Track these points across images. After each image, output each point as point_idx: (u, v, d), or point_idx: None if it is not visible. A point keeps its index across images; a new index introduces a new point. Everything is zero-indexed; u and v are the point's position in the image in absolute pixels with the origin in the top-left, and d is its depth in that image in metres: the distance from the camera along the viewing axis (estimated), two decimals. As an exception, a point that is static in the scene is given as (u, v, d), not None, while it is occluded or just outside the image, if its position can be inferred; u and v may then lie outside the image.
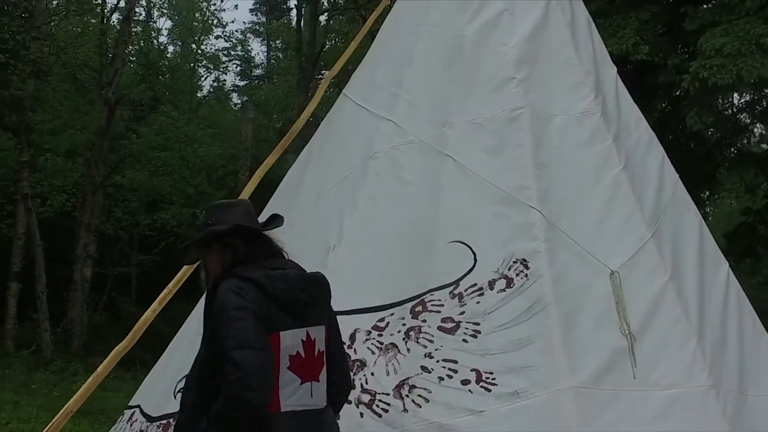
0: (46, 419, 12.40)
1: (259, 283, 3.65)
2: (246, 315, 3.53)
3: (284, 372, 3.65)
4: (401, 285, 5.17)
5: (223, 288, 3.64)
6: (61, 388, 16.92)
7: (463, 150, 5.61)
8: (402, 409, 4.68)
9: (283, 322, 3.67)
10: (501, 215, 5.30)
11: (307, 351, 3.75)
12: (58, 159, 24.05)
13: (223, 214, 3.97)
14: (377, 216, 5.60)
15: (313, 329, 3.82)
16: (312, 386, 3.76)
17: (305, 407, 3.71)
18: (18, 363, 19.55)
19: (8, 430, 12.29)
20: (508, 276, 5.03)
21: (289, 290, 3.73)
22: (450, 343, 4.85)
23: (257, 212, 6.14)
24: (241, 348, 3.44)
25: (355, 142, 6.21)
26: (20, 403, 14.62)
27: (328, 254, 5.51)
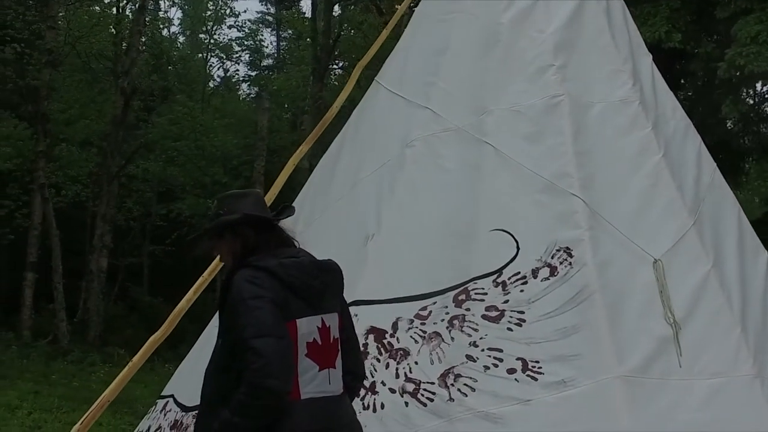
0: (67, 409, 12.49)
1: (273, 271, 3.65)
2: (263, 303, 3.54)
3: (302, 359, 3.65)
4: (443, 273, 5.14)
5: (238, 278, 3.64)
6: (80, 378, 16.97)
7: (503, 137, 5.57)
8: (448, 398, 4.65)
9: (299, 309, 3.68)
10: (543, 203, 5.26)
11: (323, 338, 3.75)
12: (73, 149, 23.98)
13: (234, 204, 3.97)
14: (416, 204, 5.57)
15: (328, 316, 3.82)
16: (330, 373, 3.76)
17: (324, 394, 3.71)
18: (36, 353, 19.59)
19: (31, 420, 12.31)
20: (552, 264, 4.99)
21: (303, 277, 3.73)
22: (494, 332, 4.81)
23: (287, 200, 6.14)
24: (261, 336, 3.45)
25: (390, 129, 6.18)
26: (41, 393, 14.65)
27: (367, 242, 5.48)
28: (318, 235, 6.06)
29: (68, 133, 24.18)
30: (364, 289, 5.25)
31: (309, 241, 6.07)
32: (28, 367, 17.82)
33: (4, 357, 18.49)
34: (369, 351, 4.99)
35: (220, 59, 37.89)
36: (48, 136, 22.72)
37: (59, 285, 21.94)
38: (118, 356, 19.97)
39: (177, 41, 37.57)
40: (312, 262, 3.89)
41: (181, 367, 6.76)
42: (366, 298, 5.21)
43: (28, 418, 12.45)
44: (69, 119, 24.18)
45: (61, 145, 23.87)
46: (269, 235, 3.93)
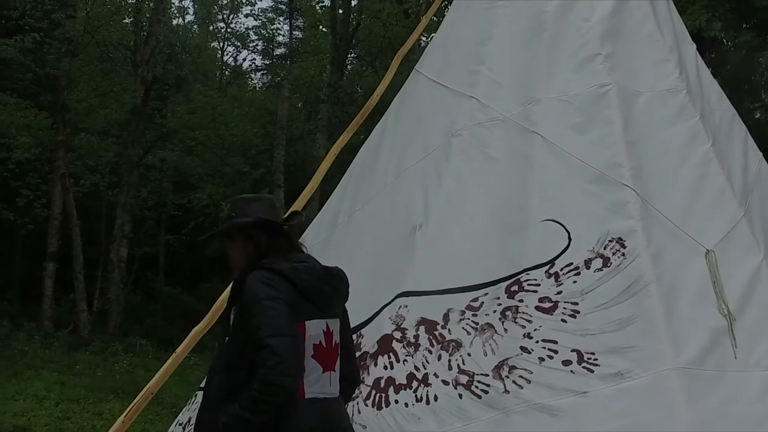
0: (94, 399, 12.54)
1: (286, 274, 3.78)
2: (278, 304, 3.67)
3: (309, 360, 3.79)
4: (493, 264, 5.10)
5: (252, 279, 3.75)
6: (104, 368, 17.03)
7: (551, 127, 5.52)
8: (503, 390, 4.61)
9: (309, 312, 3.83)
10: (594, 193, 5.20)
11: (327, 341, 3.92)
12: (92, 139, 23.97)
13: (246, 207, 4.10)
14: (464, 194, 5.53)
15: (331, 321, 4.00)
16: (330, 375, 3.93)
17: (325, 395, 3.87)
18: (58, 343, 19.64)
19: (59, 410, 12.35)
20: (605, 255, 4.94)
21: (315, 282, 3.89)
22: (549, 323, 4.77)
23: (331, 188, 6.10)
24: (276, 335, 3.57)
25: (433, 119, 6.14)
26: (67, 383, 14.72)
27: (415, 233, 5.45)
28: (360, 225, 6.05)
29: (87, 122, 24.13)
30: (413, 280, 5.24)
31: (351, 232, 6.09)
32: (52, 358, 17.88)
33: (27, 347, 18.55)
34: (420, 342, 4.96)
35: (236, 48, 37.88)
36: (68, 125, 22.71)
37: (80, 275, 22.00)
38: (140, 346, 20.02)
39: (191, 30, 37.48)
40: (323, 268, 4.05)
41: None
42: (415, 289, 5.19)
43: (56, 408, 12.50)
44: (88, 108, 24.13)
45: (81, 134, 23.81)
46: (281, 239, 4.06)
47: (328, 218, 6.60)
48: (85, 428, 10.96)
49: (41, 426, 11.04)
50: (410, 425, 4.67)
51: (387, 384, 4.87)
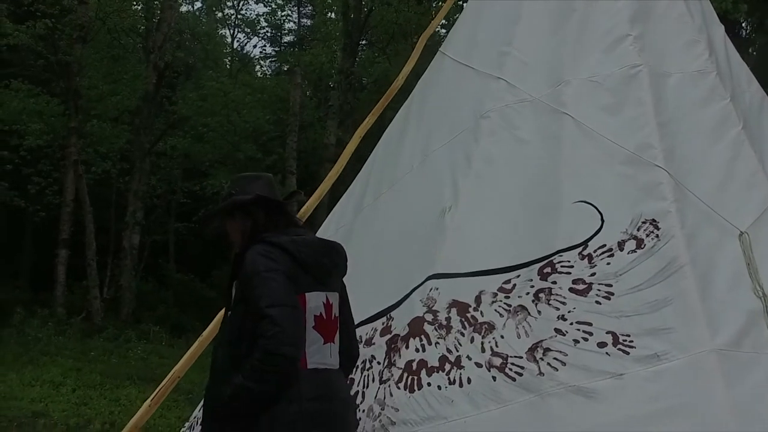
0: (110, 385, 12.54)
1: (285, 247, 3.84)
2: (277, 275, 3.73)
3: (310, 331, 3.86)
4: (525, 246, 5.05)
5: (252, 253, 3.81)
6: (118, 355, 17.06)
7: (582, 108, 5.48)
8: (537, 373, 4.56)
9: (308, 284, 3.89)
10: (626, 175, 5.15)
11: (327, 313, 3.98)
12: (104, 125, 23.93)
13: (246, 185, 4.16)
14: (494, 176, 5.49)
15: (331, 294, 4.06)
16: (331, 347, 3.98)
17: (326, 366, 3.91)
18: (71, 330, 19.66)
19: (76, 397, 12.36)
20: (638, 237, 4.89)
21: (313, 254, 3.94)
22: (583, 305, 4.71)
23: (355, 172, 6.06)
24: (276, 305, 3.63)
25: (460, 101, 6.10)
26: (83, 370, 14.77)
27: (445, 215, 5.40)
28: (387, 207, 6.02)
29: (100, 109, 24.09)
30: (443, 262, 5.20)
31: (377, 214, 6.06)
32: (66, 344, 17.93)
33: (41, 334, 18.56)
34: (452, 325, 4.92)
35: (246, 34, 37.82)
36: (80, 112, 22.68)
37: (93, 262, 22.02)
38: (153, 333, 20.03)
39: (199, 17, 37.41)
40: (321, 241, 4.14)
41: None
42: (446, 272, 5.15)
43: (73, 394, 12.52)
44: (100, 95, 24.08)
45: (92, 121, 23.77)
46: (279, 216, 4.11)
47: (354, 202, 6.57)
48: (103, 414, 10.95)
49: (59, 412, 11.04)
50: (444, 408, 4.63)
51: (419, 367, 4.83)
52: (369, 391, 4.99)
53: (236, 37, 38.06)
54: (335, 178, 6.72)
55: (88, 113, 23.80)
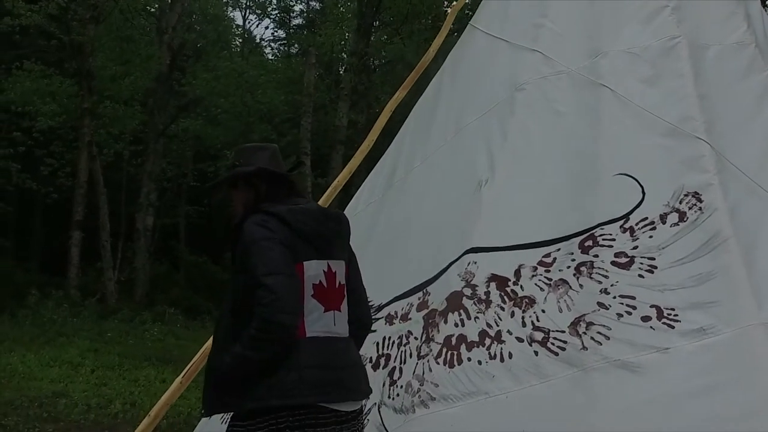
0: (129, 366, 12.54)
1: (282, 216, 3.85)
2: (274, 244, 3.74)
3: (308, 300, 3.85)
4: (565, 219, 4.97)
5: (249, 222, 3.84)
6: (134, 336, 17.06)
7: (620, 80, 5.38)
8: (581, 347, 4.48)
9: (306, 252, 3.87)
10: (667, 147, 5.05)
11: (329, 282, 3.95)
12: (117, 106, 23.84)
13: (250, 156, 4.16)
14: (531, 148, 5.41)
15: (334, 262, 4.03)
16: (335, 315, 3.95)
17: (328, 334, 3.89)
18: (87, 312, 19.66)
19: (95, 377, 12.37)
20: (680, 210, 4.80)
21: (311, 223, 3.94)
22: (626, 279, 4.63)
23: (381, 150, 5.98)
24: (272, 274, 3.64)
25: (493, 74, 6.02)
26: (100, 351, 14.79)
27: (481, 188, 5.33)
28: (420, 182, 5.96)
29: (113, 90, 23.98)
30: (481, 236, 5.14)
31: (410, 188, 5.99)
32: (82, 326, 17.94)
33: (56, 316, 18.57)
34: (492, 299, 4.85)
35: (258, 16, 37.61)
36: (93, 92, 22.60)
37: (107, 243, 22.01)
38: (168, 315, 20.01)
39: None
40: (320, 210, 4.12)
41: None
42: (484, 245, 5.08)
43: (92, 375, 12.52)
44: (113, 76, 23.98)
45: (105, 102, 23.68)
46: (280, 186, 4.12)
47: (384, 176, 6.50)
48: (123, 394, 10.92)
49: (79, 392, 11.02)
50: (485, 383, 4.57)
51: (458, 341, 4.77)
52: (406, 366, 4.94)
53: (248, 18, 37.92)
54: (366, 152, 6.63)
55: (102, 94, 23.68)
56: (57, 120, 22.83)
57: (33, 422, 9.19)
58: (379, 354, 5.25)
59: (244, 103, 24.40)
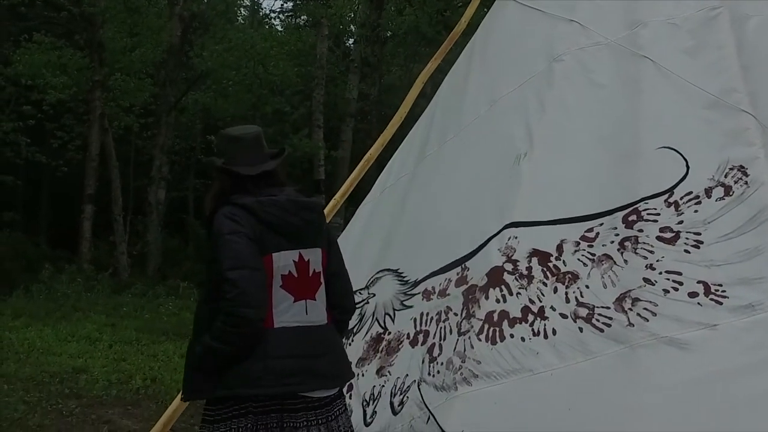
0: (146, 341, 12.50)
1: (250, 208, 3.90)
2: (240, 238, 3.80)
3: (277, 291, 3.92)
4: (608, 193, 4.88)
5: (219, 214, 3.91)
6: (150, 311, 17.01)
7: (661, 51, 5.27)
8: (627, 323, 4.39)
9: (275, 244, 3.93)
10: (710, 120, 4.95)
11: (300, 271, 4.01)
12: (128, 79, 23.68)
13: (224, 146, 4.21)
14: (571, 121, 5.31)
15: (307, 251, 4.06)
16: (307, 304, 4.01)
17: (299, 323, 3.96)
18: (100, 286, 19.63)
19: (113, 352, 12.33)
20: (726, 183, 4.70)
21: (280, 214, 3.97)
22: (671, 254, 4.54)
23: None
24: (236, 268, 3.72)
25: (529, 45, 5.92)
26: (117, 325, 14.74)
27: (520, 162, 5.23)
28: (454, 155, 5.87)
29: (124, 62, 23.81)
30: (521, 211, 5.05)
31: (443, 162, 5.91)
32: (97, 300, 17.90)
33: (70, 290, 18.54)
34: (534, 275, 4.76)
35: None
36: (104, 65, 22.46)
37: (119, 217, 21.95)
38: (182, 289, 19.95)
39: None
40: (290, 200, 4.07)
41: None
42: (524, 220, 4.99)
43: (110, 350, 12.49)
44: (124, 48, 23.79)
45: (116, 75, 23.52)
46: (248, 182, 4.09)
47: (415, 149, 6.41)
48: (143, 369, 10.88)
49: (99, 368, 10.97)
50: (528, 360, 4.49)
51: (500, 318, 4.68)
52: (446, 343, 4.87)
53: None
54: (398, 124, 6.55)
55: (113, 67, 23.52)
56: (67, 93, 22.67)
57: (56, 398, 9.16)
58: (417, 330, 5.19)
59: (257, 76, 24.17)
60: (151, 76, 25.21)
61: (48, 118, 23.44)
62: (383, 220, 6.23)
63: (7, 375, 10.13)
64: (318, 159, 23.78)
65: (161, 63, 23.78)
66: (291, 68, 24.94)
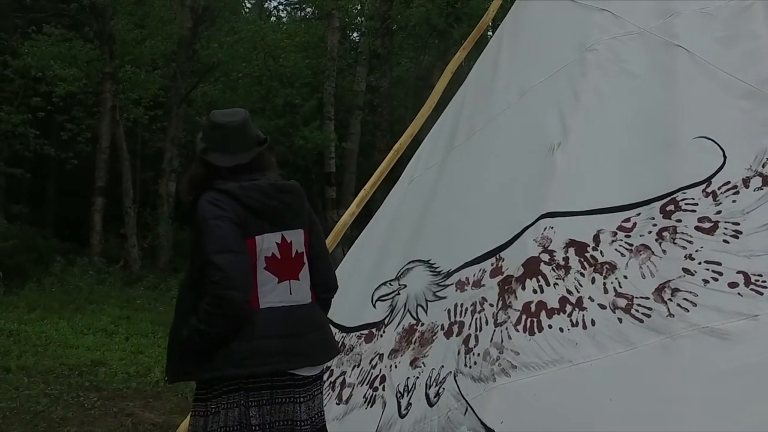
0: (162, 334, 12.45)
1: (233, 193, 4.01)
2: (222, 222, 3.91)
3: (261, 272, 4.03)
4: (644, 183, 4.85)
5: (202, 200, 4.00)
6: (163, 303, 16.97)
7: (695, 41, 5.26)
8: (667, 314, 4.36)
9: (258, 227, 4.04)
10: (747, 109, 4.92)
11: (283, 252, 4.13)
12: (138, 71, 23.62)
13: (209, 131, 4.25)
14: (605, 110, 5.29)
15: (289, 233, 4.18)
16: (291, 284, 4.14)
17: (284, 303, 4.08)
18: (111, 279, 19.61)
19: (130, 345, 12.33)
20: (763, 173, 4.67)
21: (262, 198, 4.07)
22: (710, 244, 4.51)
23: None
24: (221, 252, 3.84)
25: (559, 34, 5.91)
26: (132, 318, 14.71)
27: (554, 152, 5.20)
28: (483, 146, 5.85)
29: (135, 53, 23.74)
30: (556, 201, 5.02)
31: (472, 152, 5.88)
32: (110, 293, 17.87)
33: (82, 283, 18.53)
34: (571, 265, 4.74)
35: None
36: (114, 57, 22.41)
37: (130, 210, 21.91)
38: (194, 282, 19.88)
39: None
40: (270, 184, 4.17)
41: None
42: (560, 210, 4.97)
43: (127, 342, 12.49)
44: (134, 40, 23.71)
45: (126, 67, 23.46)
46: (225, 169, 4.17)
47: (443, 140, 6.38)
48: (161, 362, 10.81)
49: (117, 360, 10.97)
50: (567, 351, 4.46)
51: (538, 308, 4.66)
52: (483, 334, 4.84)
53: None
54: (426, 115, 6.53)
55: (122, 58, 23.46)
56: (77, 85, 22.61)
57: (76, 391, 9.14)
58: (451, 321, 5.15)
59: (267, 68, 24.09)
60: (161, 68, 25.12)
61: (57, 110, 23.38)
62: (412, 211, 6.20)
63: (26, 367, 10.12)
64: (329, 151, 23.73)
65: (172, 55, 23.71)
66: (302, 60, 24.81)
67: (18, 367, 10.09)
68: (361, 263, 6.32)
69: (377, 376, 5.38)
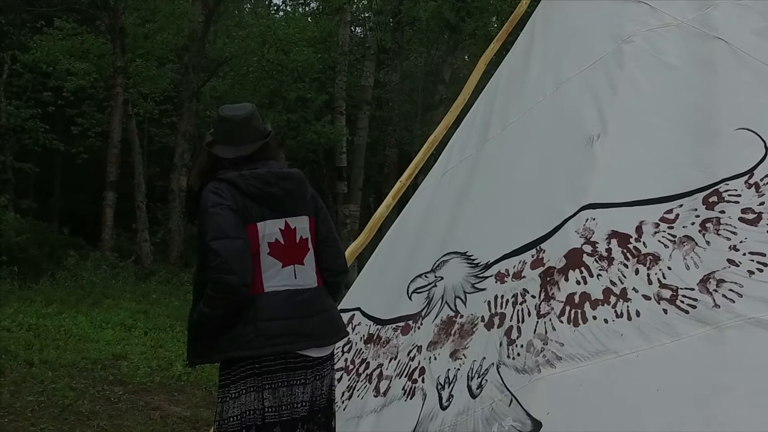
0: (180, 328, 12.48)
1: (233, 182, 4.23)
2: (222, 210, 4.11)
3: (265, 257, 4.23)
4: (686, 174, 4.84)
5: (205, 189, 4.22)
6: (178, 297, 17.02)
7: (734, 32, 5.25)
8: (713, 305, 4.36)
9: (259, 214, 4.24)
10: (787, 101, 4.93)
11: (286, 238, 4.32)
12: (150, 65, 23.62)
13: (217, 123, 4.50)
14: (644, 102, 5.27)
15: (293, 219, 4.38)
16: (295, 269, 4.32)
17: (288, 287, 4.27)
18: (125, 273, 19.62)
19: (150, 339, 12.37)
20: (805, 165, 4.68)
21: (261, 186, 4.26)
22: (754, 236, 4.51)
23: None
24: (218, 238, 4.03)
25: (594, 27, 5.89)
26: (149, 312, 14.75)
27: (593, 144, 5.20)
28: (519, 138, 5.85)
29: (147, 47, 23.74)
30: (597, 192, 5.01)
31: (507, 144, 5.88)
32: (124, 288, 17.89)
33: (95, 277, 18.54)
34: (614, 256, 4.73)
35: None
36: (126, 51, 22.40)
37: (142, 204, 21.94)
38: (206, 276, 19.89)
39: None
40: (270, 172, 4.35)
41: (363, 278, 6.55)
42: (602, 201, 4.96)
43: (146, 336, 12.53)
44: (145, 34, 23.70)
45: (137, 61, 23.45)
46: (228, 161, 4.39)
47: (476, 132, 6.37)
48: (182, 356, 10.86)
49: (138, 354, 11.01)
50: (613, 342, 4.46)
51: (582, 299, 4.66)
52: (525, 326, 4.83)
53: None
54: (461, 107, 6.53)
55: (133, 53, 23.45)
56: (88, 79, 22.61)
57: (101, 384, 9.17)
58: (492, 313, 5.14)
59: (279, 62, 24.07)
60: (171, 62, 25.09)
61: (68, 104, 23.38)
62: (445, 203, 6.20)
63: (49, 361, 10.15)
64: (340, 146, 23.73)
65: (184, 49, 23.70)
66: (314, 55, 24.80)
67: (41, 361, 10.12)
68: (394, 256, 6.32)
69: (416, 368, 5.37)
